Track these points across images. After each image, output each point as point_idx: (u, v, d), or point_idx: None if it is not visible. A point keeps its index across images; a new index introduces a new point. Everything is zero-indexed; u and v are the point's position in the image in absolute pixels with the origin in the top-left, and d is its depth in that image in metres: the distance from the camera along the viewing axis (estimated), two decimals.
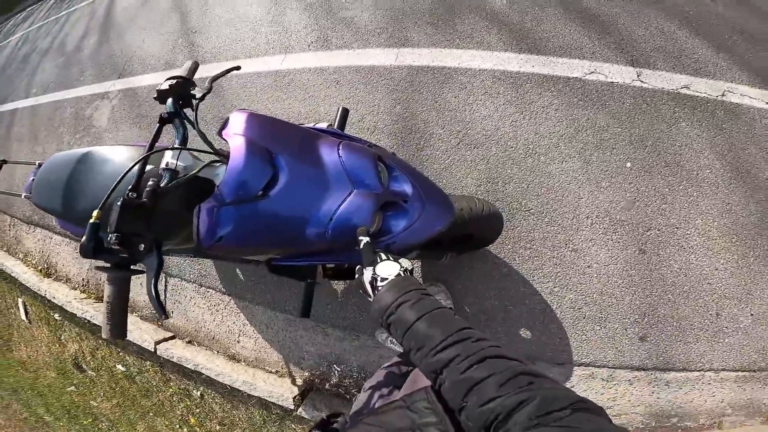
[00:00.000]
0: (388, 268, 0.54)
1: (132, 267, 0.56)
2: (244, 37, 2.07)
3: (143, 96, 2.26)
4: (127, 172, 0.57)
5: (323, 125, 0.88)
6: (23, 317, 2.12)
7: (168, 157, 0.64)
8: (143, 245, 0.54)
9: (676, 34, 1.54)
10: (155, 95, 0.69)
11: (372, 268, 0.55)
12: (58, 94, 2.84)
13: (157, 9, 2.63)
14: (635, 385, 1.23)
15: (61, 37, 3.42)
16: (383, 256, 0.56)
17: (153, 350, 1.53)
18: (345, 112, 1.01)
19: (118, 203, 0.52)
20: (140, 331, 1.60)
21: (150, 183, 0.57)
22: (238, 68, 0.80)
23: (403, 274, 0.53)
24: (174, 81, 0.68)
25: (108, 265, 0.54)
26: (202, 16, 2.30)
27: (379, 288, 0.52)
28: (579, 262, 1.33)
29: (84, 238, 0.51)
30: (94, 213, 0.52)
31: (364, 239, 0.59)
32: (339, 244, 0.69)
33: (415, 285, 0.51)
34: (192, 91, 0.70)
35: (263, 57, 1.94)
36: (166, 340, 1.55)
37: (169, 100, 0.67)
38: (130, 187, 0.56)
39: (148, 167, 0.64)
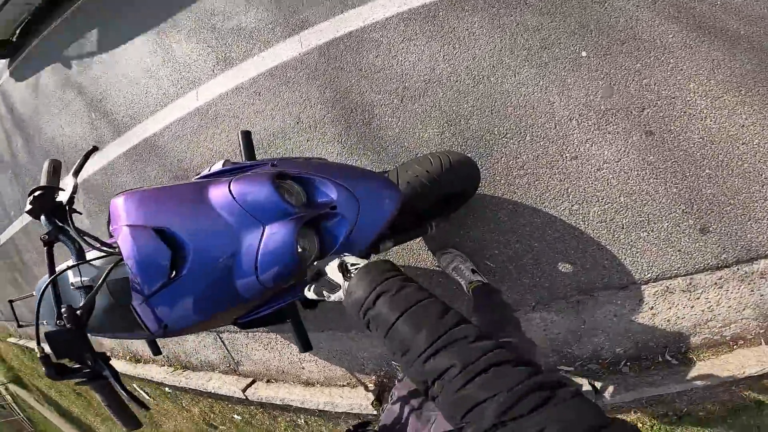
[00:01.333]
0: (333, 269, 0.46)
1: (103, 373, 0.57)
2: (149, 89, 1.88)
3: (99, 182, 2.12)
4: (38, 309, 0.58)
5: (218, 166, 0.79)
6: (147, 397, 2.43)
7: (71, 278, 0.63)
8: (89, 361, 0.55)
9: None
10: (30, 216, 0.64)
11: (314, 282, 0.48)
12: None
13: (49, 94, 2.45)
14: (726, 288, 0.97)
15: None
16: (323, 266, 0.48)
17: (244, 397, 1.70)
18: (245, 136, 0.91)
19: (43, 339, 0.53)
20: (227, 385, 1.78)
21: (64, 309, 0.54)
22: (95, 149, 0.73)
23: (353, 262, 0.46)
24: (34, 196, 0.61)
25: (84, 379, 0.56)
26: (96, 85, 2.13)
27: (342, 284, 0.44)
28: (586, 169, 1.08)
29: (44, 369, 0.53)
30: (36, 348, 0.55)
31: (310, 292, 0.51)
32: (283, 285, 0.64)
33: (392, 270, 0.42)
34: (58, 198, 0.63)
35: (177, 100, 1.77)
36: (249, 385, 1.71)
37: (42, 218, 0.62)
38: (56, 316, 0.57)
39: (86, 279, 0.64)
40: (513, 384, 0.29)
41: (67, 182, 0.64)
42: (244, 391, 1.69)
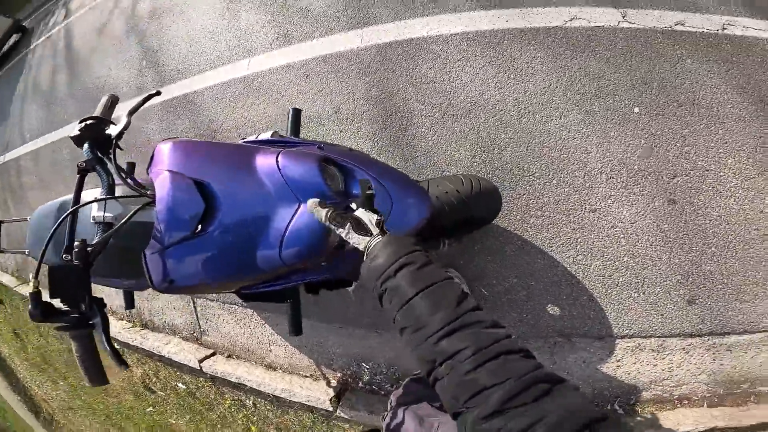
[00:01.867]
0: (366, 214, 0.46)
1: (90, 321, 0.53)
2: (205, 49, 1.95)
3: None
4: (50, 237, 0.53)
5: (266, 135, 0.80)
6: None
7: (95, 211, 0.59)
8: (83, 305, 0.52)
9: None
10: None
11: (351, 227, 0.45)
12: (50, 136, 2.81)
13: (112, 35, 2.54)
14: (692, 354, 1.05)
15: (32, 78, 3.38)
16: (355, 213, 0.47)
17: (199, 368, 1.62)
18: (296, 114, 0.91)
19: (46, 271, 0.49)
20: (184, 352, 1.69)
21: (77, 243, 0.52)
22: (158, 93, 0.71)
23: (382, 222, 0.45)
24: (85, 123, 0.61)
25: (66, 325, 0.52)
26: (160, 35, 2.19)
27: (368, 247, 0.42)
28: (600, 224, 1.13)
29: (30, 306, 0.50)
30: (31, 282, 0.51)
31: (321, 211, 0.48)
32: (300, 266, 0.62)
33: (417, 244, 0.42)
34: (107, 131, 0.62)
35: (228, 65, 1.83)
36: (208, 357, 1.64)
37: (85, 146, 0.61)
38: (64, 248, 0.54)
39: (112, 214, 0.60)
40: (521, 374, 0.30)
41: (120, 118, 0.63)
42: (201, 361, 1.60)
